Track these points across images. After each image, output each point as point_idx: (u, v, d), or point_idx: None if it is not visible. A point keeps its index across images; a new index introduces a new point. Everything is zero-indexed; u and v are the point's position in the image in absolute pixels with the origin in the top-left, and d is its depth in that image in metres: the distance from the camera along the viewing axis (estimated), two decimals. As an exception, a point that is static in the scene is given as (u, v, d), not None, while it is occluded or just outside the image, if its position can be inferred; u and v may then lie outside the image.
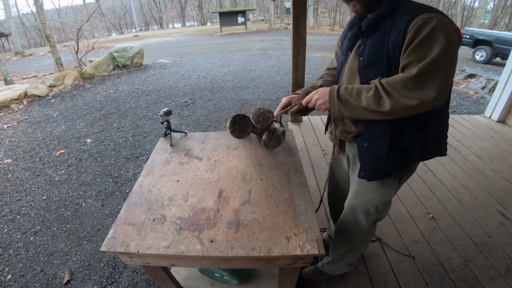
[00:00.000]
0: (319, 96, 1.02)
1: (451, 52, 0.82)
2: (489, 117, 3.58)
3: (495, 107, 3.51)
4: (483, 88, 5.24)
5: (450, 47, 0.81)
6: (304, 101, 1.08)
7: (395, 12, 0.90)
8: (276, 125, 1.31)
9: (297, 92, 1.23)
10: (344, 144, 1.25)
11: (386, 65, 0.91)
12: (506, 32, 10.53)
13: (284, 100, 1.20)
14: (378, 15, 0.93)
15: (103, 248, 0.87)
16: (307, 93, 1.18)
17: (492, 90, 4.76)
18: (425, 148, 1.02)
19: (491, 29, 14.61)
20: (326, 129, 1.34)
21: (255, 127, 1.22)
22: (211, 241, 0.86)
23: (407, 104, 0.85)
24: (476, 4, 19.77)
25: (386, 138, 1.00)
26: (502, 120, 3.46)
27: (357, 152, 1.11)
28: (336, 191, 1.52)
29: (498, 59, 8.03)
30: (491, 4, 20.22)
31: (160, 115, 1.35)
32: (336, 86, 0.98)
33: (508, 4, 18.52)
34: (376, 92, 0.88)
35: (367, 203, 1.17)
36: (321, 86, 1.22)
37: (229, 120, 1.25)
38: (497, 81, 3.66)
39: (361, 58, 0.98)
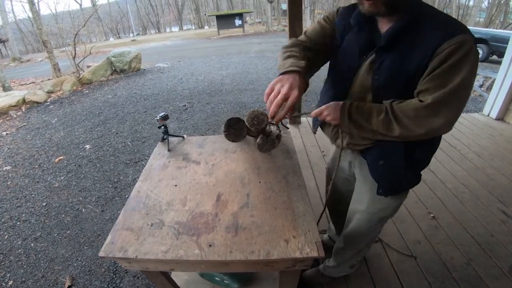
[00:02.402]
0: (329, 112, 0.97)
1: (472, 79, 0.77)
2: (488, 115, 3.58)
3: (493, 105, 3.51)
4: (480, 86, 5.25)
5: (471, 75, 0.76)
6: (313, 114, 1.03)
7: (416, 23, 0.80)
8: (273, 128, 1.30)
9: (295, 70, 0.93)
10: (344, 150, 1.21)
11: (403, 88, 0.85)
12: (501, 30, 10.57)
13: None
14: (402, 28, 0.81)
15: (101, 254, 0.87)
16: (306, 69, 0.97)
17: (489, 88, 4.76)
18: (434, 152, 1.03)
19: (486, 27, 14.66)
20: (322, 129, 1.22)
21: (250, 130, 1.22)
22: (210, 245, 0.86)
23: (416, 133, 0.83)
24: (471, 3, 19.89)
25: (400, 153, 0.97)
26: (500, 118, 3.46)
27: (366, 166, 1.08)
28: (334, 195, 1.50)
29: (494, 57, 8.05)
30: (486, 2, 20.32)
31: (157, 119, 1.35)
32: (347, 104, 0.92)
33: (502, 2, 18.61)
34: (386, 116, 0.85)
35: (384, 210, 1.15)
36: (290, 70, 0.90)
37: (224, 124, 1.24)
38: (495, 79, 3.67)
39: (376, 77, 0.89)
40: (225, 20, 19.68)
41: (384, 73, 0.87)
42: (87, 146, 3.81)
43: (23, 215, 2.55)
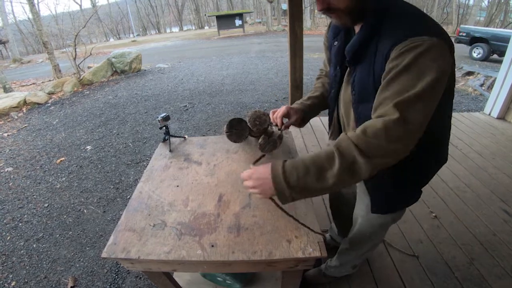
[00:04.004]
0: (254, 184, 0.78)
1: (433, 88, 0.66)
2: (489, 114, 3.58)
3: (494, 104, 3.51)
4: (481, 85, 5.24)
5: (433, 83, 0.65)
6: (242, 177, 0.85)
7: (380, 30, 0.74)
8: (274, 128, 1.30)
9: (296, 103, 1.19)
10: None
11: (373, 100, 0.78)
12: (501, 29, 10.57)
13: (284, 109, 1.13)
14: (362, 38, 0.77)
15: (104, 254, 0.87)
16: (304, 107, 1.16)
17: (490, 87, 4.76)
18: (438, 163, 0.98)
19: (486, 27, 14.64)
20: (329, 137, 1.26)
21: (252, 131, 1.22)
22: (212, 246, 0.86)
23: (387, 163, 0.69)
24: (471, 2, 19.85)
25: (387, 175, 0.89)
26: (501, 117, 3.46)
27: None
28: (337, 197, 1.51)
29: (495, 56, 8.05)
30: (486, 2, 20.29)
31: (158, 120, 1.35)
32: (280, 167, 0.73)
33: (502, 1, 18.59)
34: (344, 159, 0.67)
35: (385, 219, 1.13)
36: (321, 95, 1.18)
37: (226, 124, 1.24)
38: (495, 78, 3.66)
39: (353, 92, 0.85)
40: (225, 20, 19.70)
41: (357, 87, 0.83)
42: (88, 147, 3.82)
43: (25, 216, 2.55)
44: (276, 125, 1.21)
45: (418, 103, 0.65)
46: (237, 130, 1.24)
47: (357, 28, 0.84)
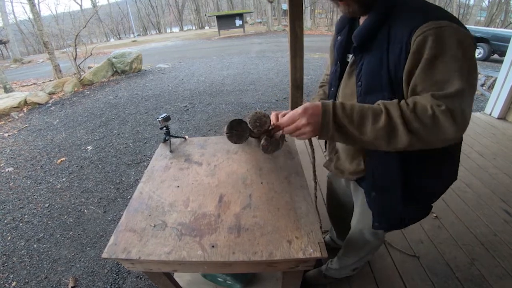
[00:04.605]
0: (308, 120, 0.71)
1: (471, 70, 0.64)
2: (490, 114, 3.57)
3: (495, 104, 3.50)
4: (482, 85, 5.24)
5: (470, 66, 0.64)
6: (281, 123, 0.81)
7: (390, 16, 0.72)
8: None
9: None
10: None
11: (389, 91, 0.74)
12: (502, 29, 10.55)
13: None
14: (371, 25, 0.75)
15: (104, 255, 0.87)
16: None
17: (491, 87, 4.75)
18: (449, 182, 0.93)
19: (487, 27, 14.62)
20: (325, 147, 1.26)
21: (253, 132, 1.21)
22: (212, 246, 0.86)
23: (430, 143, 0.66)
24: (472, 2, 19.82)
25: (398, 188, 0.84)
26: (502, 117, 3.45)
27: (359, 190, 1.02)
28: (334, 202, 1.50)
29: (496, 56, 8.04)
30: (486, 2, 20.25)
31: (159, 121, 1.35)
32: (330, 104, 0.69)
33: (503, 1, 18.56)
34: (389, 122, 0.65)
35: (369, 229, 1.11)
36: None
37: (226, 125, 1.24)
38: (496, 78, 3.66)
39: (359, 83, 0.80)
40: (225, 20, 19.69)
41: (364, 77, 0.79)
42: (89, 147, 3.82)
43: (26, 216, 2.55)
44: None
45: (463, 95, 0.63)
46: (237, 131, 1.23)
47: (362, 20, 0.83)
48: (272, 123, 1.08)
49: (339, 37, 0.94)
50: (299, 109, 0.72)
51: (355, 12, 0.79)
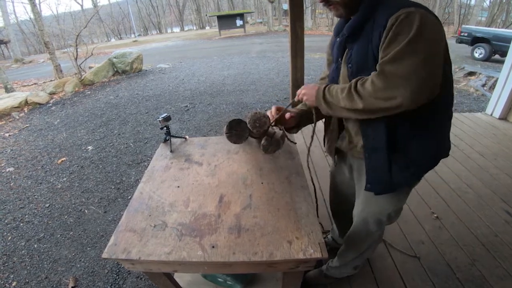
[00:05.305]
0: (306, 92, 1.05)
1: (420, 42, 0.75)
2: (491, 115, 3.57)
3: (496, 105, 3.49)
4: (483, 85, 5.23)
5: (417, 38, 0.74)
6: (296, 97, 1.12)
7: (375, 12, 0.86)
8: (275, 129, 1.30)
9: (291, 110, 1.25)
10: (345, 155, 1.25)
11: (374, 69, 0.86)
12: (503, 29, 10.55)
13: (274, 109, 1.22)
14: (359, 19, 0.89)
15: (104, 255, 0.87)
16: (303, 114, 1.22)
17: (492, 87, 4.74)
18: (436, 154, 1.00)
19: (488, 27, 14.60)
20: (324, 144, 1.34)
21: (252, 132, 1.21)
22: (213, 247, 0.86)
23: (379, 106, 0.81)
24: (473, 2, 19.81)
25: (383, 149, 0.96)
26: (503, 117, 3.44)
27: (362, 168, 1.09)
28: (337, 197, 1.51)
29: (497, 56, 8.02)
30: (487, 2, 20.22)
31: (159, 120, 1.35)
32: (322, 87, 0.96)
33: (504, 1, 18.52)
34: (349, 92, 0.86)
35: (378, 213, 1.14)
36: (309, 110, 1.23)
37: (226, 126, 1.24)
38: (497, 78, 3.65)
39: (350, 66, 0.95)
40: (226, 20, 19.70)
41: (354, 60, 0.93)
42: (90, 147, 3.82)
43: (26, 216, 2.56)
44: (276, 125, 1.21)
45: (396, 61, 0.76)
46: (236, 131, 1.23)
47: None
48: (271, 115, 1.18)
49: (338, 38, 1.04)
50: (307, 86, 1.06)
51: (342, 15, 0.95)
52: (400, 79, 0.76)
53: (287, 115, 1.19)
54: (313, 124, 1.18)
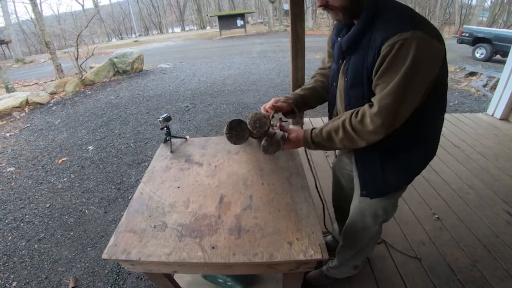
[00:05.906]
0: (294, 146, 1.08)
1: (412, 77, 0.77)
2: (492, 115, 3.56)
3: (497, 105, 3.48)
4: (484, 86, 5.22)
5: (411, 72, 0.76)
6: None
7: (372, 25, 0.84)
8: (276, 129, 1.29)
9: (286, 96, 1.25)
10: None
11: (368, 86, 0.89)
12: (504, 30, 10.52)
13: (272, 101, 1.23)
14: (357, 32, 0.88)
15: (104, 256, 0.86)
16: (297, 97, 1.22)
17: (493, 87, 4.73)
18: (427, 159, 1.05)
19: (489, 27, 14.58)
20: None
21: (252, 133, 1.21)
22: (213, 248, 0.85)
23: (375, 139, 0.89)
24: (474, 2, 19.76)
25: (375, 157, 1.01)
26: (505, 118, 3.43)
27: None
28: (339, 192, 1.51)
29: (498, 57, 8.00)
30: (489, 2, 20.19)
31: (160, 121, 1.35)
32: (308, 132, 1.01)
33: (505, 1, 18.49)
34: (345, 133, 0.90)
35: (375, 205, 1.15)
36: (312, 87, 1.25)
37: (226, 126, 1.23)
38: (499, 79, 3.64)
39: (346, 79, 0.96)
40: (227, 20, 19.70)
41: (350, 73, 0.93)
42: (90, 147, 3.82)
43: (27, 216, 2.56)
44: (276, 125, 1.21)
45: (391, 97, 0.80)
46: (237, 131, 1.23)
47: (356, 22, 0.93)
48: (270, 106, 1.21)
49: (339, 38, 1.03)
50: (291, 138, 1.08)
51: (342, 19, 0.92)
52: (392, 116, 0.83)
53: (281, 101, 1.22)
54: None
